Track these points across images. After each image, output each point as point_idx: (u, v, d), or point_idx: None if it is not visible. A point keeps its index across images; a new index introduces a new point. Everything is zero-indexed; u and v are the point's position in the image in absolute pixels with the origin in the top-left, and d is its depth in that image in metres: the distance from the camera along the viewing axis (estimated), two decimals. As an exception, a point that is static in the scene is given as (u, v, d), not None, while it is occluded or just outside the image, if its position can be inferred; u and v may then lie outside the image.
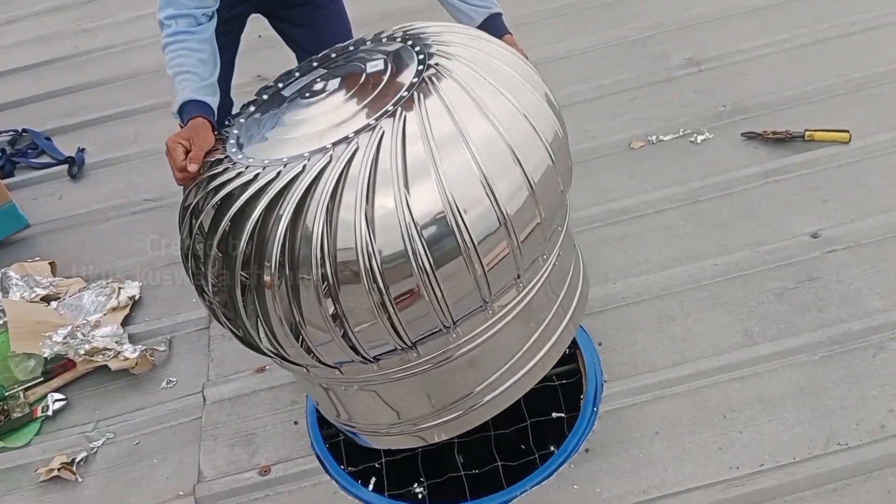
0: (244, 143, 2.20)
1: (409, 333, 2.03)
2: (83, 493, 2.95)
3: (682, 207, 3.48)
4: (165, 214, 3.94)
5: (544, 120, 2.12)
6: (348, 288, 1.92)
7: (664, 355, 2.92)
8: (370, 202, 1.88)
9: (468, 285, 2.00)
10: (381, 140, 1.94)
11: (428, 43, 2.22)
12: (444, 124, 1.96)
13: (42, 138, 4.69)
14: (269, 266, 1.93)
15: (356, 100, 2.14)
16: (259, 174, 1.99)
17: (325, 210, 1.88)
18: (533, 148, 2.05)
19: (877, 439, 2.57)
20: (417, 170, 1.90)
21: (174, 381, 3.25)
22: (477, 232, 1.93)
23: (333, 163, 1.93)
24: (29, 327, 3.34)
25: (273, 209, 1.93)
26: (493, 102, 2.03)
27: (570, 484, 2.63)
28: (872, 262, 3.07)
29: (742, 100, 3.94)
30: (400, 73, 2.16)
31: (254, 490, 2.80)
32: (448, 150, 1.93)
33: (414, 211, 1.88)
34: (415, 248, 1.88)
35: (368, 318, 1.97)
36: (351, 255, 1.88)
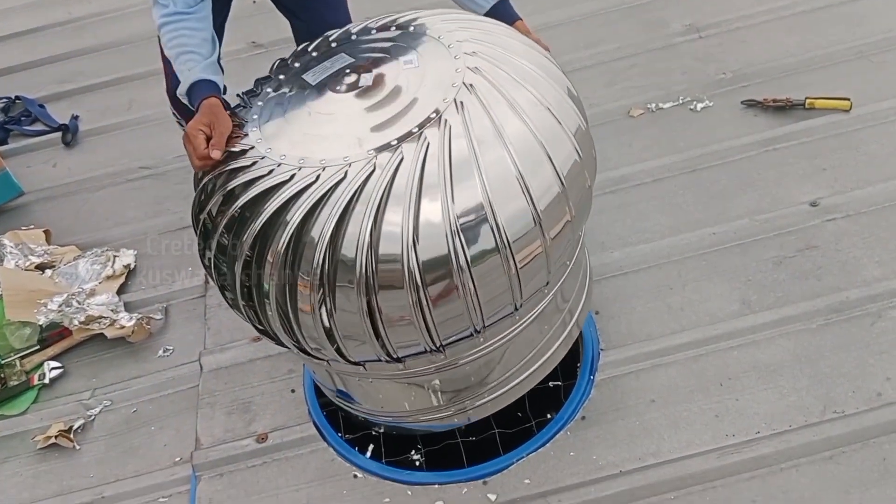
0: (267, 132, 2.14)
1: (441, 335, 2.04)
2: (81, 460, 2.96)
3: (680, 176, 3.46)
4: (160, 182, 3.93)
5: (568, 114, 2.11)
6: (389, 294, 1.93)
7: (661, 324, 2.91)
8: (415, 213, 1.87)
9: (503, 285, 2.02)
10: (427, 151, 1.92)
11: (457, 38, 2.20)
12: (486, 131, 1.96)
13: (35, 105, 4.65)
14: (309, 271, 1.92)
15: (395, 100, 2.09)
16: (295, 175, 1.96)
17: (372, 219, 1.87)
18: (561, 143, 2.05)
19: (873, 407, 2.57)
20: (462, 181, 1.90)
21: (171, 350, 3.24)
22: (513, 231, 1.93)
23: (378, 172, 1.91)
24: (24, 295, 3.33)
25: (313, 214, 1.91)
26: (522, 100, 2.02)
27: (566, 451, 2.63)
28: (871, 231, 3.06)
29: (742, 67, 3.90)
30: (436, 71, 2.12)
31: (251, 457, 2.81)
32: (489, 156, 1.93)
33: (458, 219, 1.88)
34: (457, 252, 1.89)
35: (405, 320, 1.98)
36: (395, 266, 1.88)
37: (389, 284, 1.91)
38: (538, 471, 2.60)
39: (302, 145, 2.05)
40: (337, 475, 2.71)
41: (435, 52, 2.19)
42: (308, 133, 2.10)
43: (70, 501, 2.83)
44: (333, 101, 2.15)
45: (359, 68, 2.21)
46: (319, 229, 1.89)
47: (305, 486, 2.70)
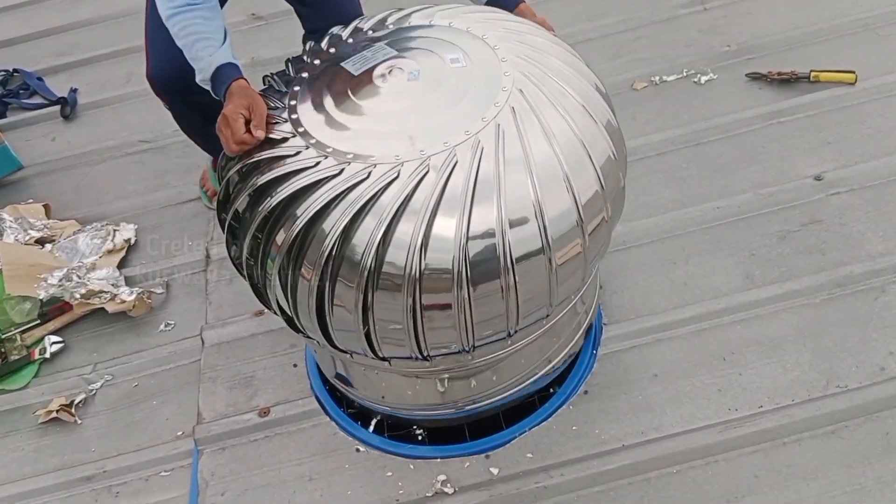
0: (308, 121, 2.11)
1: (476, 336, 2.06)
2: (82, 434, 2.95)
3: (684, 149, 3.44)
4: (161, 155, 3.90)
5: (601, 112, 2.13)
6: (435, 297, 1.94)
7: (664, 298, 2.90)
8: (468, 217, 1.87)
9: (543, 286, 2.04)
10: (482, 154, 1.92)
11: (498, 38, 2.20)
12: (536, 135, 1.97)
13: (34, 78, 4.61)
14: (353, 271, 1.91)
15: (444, 100, 2.08)
16: (344, 170, 1.95)
17: (426, 223, 1.86)
18: (597, 141, 2.06)
19: (876, 381, 2.57)
20: (512, 184, 1.91)
21: (172, 324, 3.23)
22: (556, 230, 1.96)
23: (433, 174, 1.90)
24: (24, 270, 3.31)
25: (362, 213, 1.90)
26: (564, 100, 2.04)
27: (568, 425, 2.63)
28: (876, 205, 3.05)
29: (747, 39, 3.87)
30: (483, 72, 2.12)
31: (253, 431, 2.80)
32: (539, 159, 1.94)
33: (509, 220, 1.90)
34: (505, 254, 1.91)
35: (447, 322, 2.00)
36: (445, 268, 1.89)
37: (437, 287, 1.92)
38: (540, 445, 2.59)
39: (349, 139, 2.03)
40: (339, 449, 2.71)
41: (480, 51, 2.18)
42: (355, 126, 2.07)
43: (72, 475, 2.82)
44: (380, 95, 2.13)
45: (403, 62, 2.18)
46: (369, 229, 1.88)
47: (308, 460, 2.70)
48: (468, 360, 2.23)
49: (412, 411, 2.63)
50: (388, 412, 2.65)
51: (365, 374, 2.47)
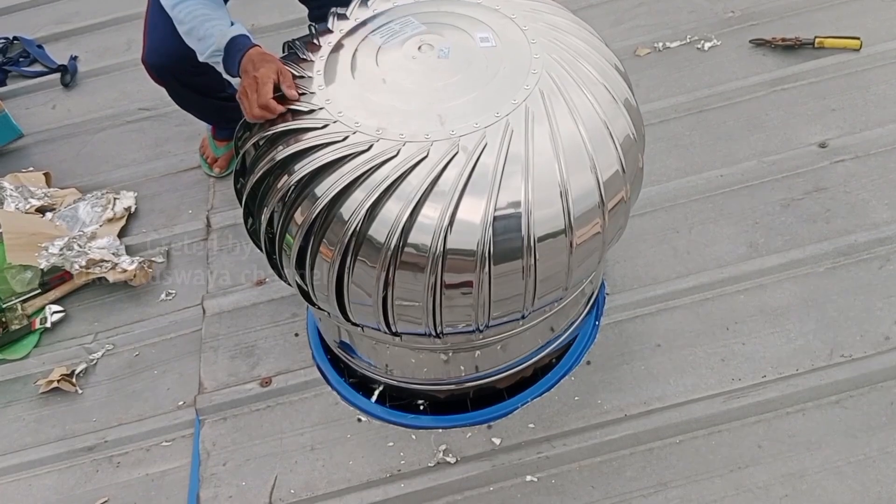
0: (335, 93, 2.08)
1: (491, 316, 2.06)
2: (83, 404, 2.95)
3: (687, 117, 3.42)
4: (161, 124, 3.88)
5: (622, 92, 2.11)
6: (457, 276, 1.94)
7: (667, 267, 2.89)
8: (496, 199, 1.86)
9: (561, 265, 2.03)
10: (512, 137, 1.91)
11: (525, 17, 2.19)
12: (564, 117, 1.96)
13: (34, 46, 4.59)
14: (377, 248, 1.90)
15: (474, 80, 2.06)
16: (373, 146, 1.93)
17: (454, 204, 1.85)
18: (618, 121, 2.05)
19: (881, 351, 2.56)
20: (539, 167, 1.90)
21: (173, 294, 3.22)
22: (578, 210, 1.95)
23: (462, 155, 1.89)
24: (24, 239, 3.30)
25: (390, 190, 1.88)
26: (589, 82, 2.04)
27: (570, 396, 2.62)
28: (881, 173, 3.03)
29: (751, 6, 3.84)
30: (513, 53, 2.10)
31: (255, 401, 2.80)
32: (566, 141, 1.94)
33: (534, 202, 1.89)
34: (529, 235, 1.90)
35: (466, 300, 2.00)
36: (469, 249, 1.89)
37: (459, 266, 1.91)
38: (543, 415, 2.59)
39: (378, 114, 2.01)
40: (341, 419, 2.71)
41: (509, 32, 2.16)
42: (383, 102, 2.05)
43: (73, 445, 2.82)
44: (408, 71, 2.10)
45: (433, 38, 2.16)
46: (397, 207, 1.87)
47: (309, 430, 2.69)
48: (477, 338, 2.23)
49: (417, 384, 2.62)
50: (393, 384, 2.65)
51: (374, 347, 2.47)
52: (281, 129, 2.04)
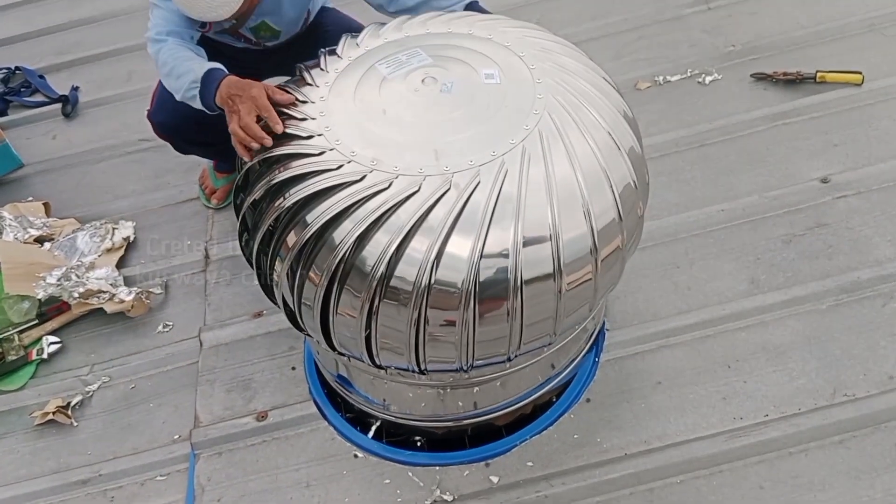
0: (335, 121, 2.08)
1: (476, 356, 2.05)
2: (79, 436, 2.92)
3: (688, 151, 3.41)
4: (161, 155, 3.87)
5: (625, 138, 2.09)
6: (441, 313, 1.93)
7: (668, 303, 2.87)
8: (484, 238, 1.85)
9: (549, 310, 2.01)
10: (505, 178, 1.90)
11: (534, 57, 2.18)
12: (561, 162, 1.94)
13: (35, 76, 4.60)
14: (363, 277, 1.89)
15: (475, 116, 2.05)
16: (366, 177, 1.92)
17: (441, 239, 1.84)
18: (619, 168, 2.04)
19: (885, 390, 2.54)
20: (532, 209, 1.89)
21: (170, 325, 3.20)
22: (569, 254, 1.94)
23: (454, 192, 1.88)
24: (23, 269, 3.29)
25: (379, 222, 1.87)
26: (591, 126, 2.02)
27: (570, 434, 2.60)
28: (883, 209, 3.01)
29: (752, 39, 3.84)
30: (517, 92, 2.09)
31: (250, 435, 2.78)
32: (562, 189, 1.92)
33: (523, 244, 1.88)
34: (516, 278, 1.89)
35: (449, 339, 1.99)
36: (454, 287, 1.87)
37: (444, 303, 1.90)
38: (541, 453, 2.56)
39: (374, 145, 2.00)
40: (337, 455, 2.68)
41: (515, 70, 2.16)
42: (381, 133, 2.05)
43: (67, 479, 2.79)
44: (410, 103, 2.10)
45: (437, 72, 2.15)
46: (385, 239, 1.86)
47: (305, 466, 2.67)
48: (463, 378, 2.20)
49: (414, 420, 2.60)
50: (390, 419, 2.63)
51: (371, 381, 2.45)
52: (279, 153, 2.05)
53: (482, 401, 2.47)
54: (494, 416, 2.55)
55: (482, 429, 2.60)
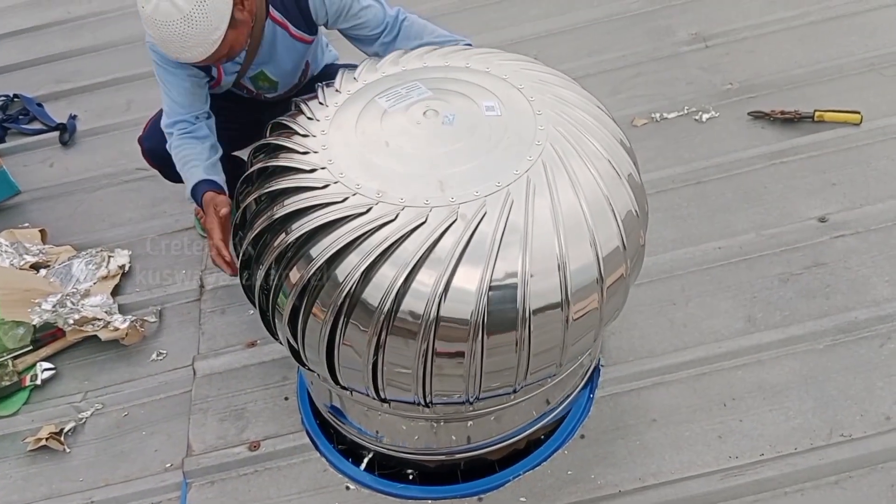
0: (337, 154, 2.09)
1: (483, 388, 2.05)
2: (71, 463, 2.91)
3: (685, 188, 3.41)
4: (158, 184, 3.84)
5: (625, 167, 2.11)
6: (449, 345, 1.92)
7: (664, 340, 2.87)
8: (492, 269, 1.85)
9: (556, 339, 2.01)
10: (512, 208, 1.90)
11: (533, 89, 2.20)
12: (566, 193, 1.95)
13: (34, 104, 4.62)
14: (370, 311, 1.89)
15: (477, 148, 2.06)
16: (372, 208, 1.93)
17: (450, 271, 1.84)
18: (621, 197, 2.05)
19: (881, 431, 2.53)
20: (538, 240, 1.89)
21: (164, 354, 3.20)
22: (575, 285, 1.94)
23: (460, 223, 1.88)
24: (18, 295, 3.29)
25: (386, 254, 1.87)
26: (593, 156, 2.04)
27: (563, 470, 2.58)
28: (881, 249, 3.02)
29: (749, 78, 3.86)
30: (518, 125, 2.10)
31: (243, 465, 2.76)
32: (568, 220, 1.93)
33: (530, 275, 1.88)
34: (524, 309, 1.89)
35: (457, 371, 1.98)
36: (463, 319, 1.87)
37: (452, 335, 1.90)
38: (535, 489, 2.55)
39: (379, 177, 2.01)
40: (329, 486, 2.67)
41: (516, 102, 2.17)
42: (385, 165, 2.05)
43: (59, 505, 2.78)
44: (412, 135, 2.11)
45: (438, 104, 2.16)
46: (392, 272, 1.86)
47: (297, 497, 2.65)
48: (467, 409, 2.19)
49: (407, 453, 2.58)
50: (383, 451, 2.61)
51: (365, 413, 2.44)
52: (282, 187, 2.05)
53: (476, 435, 2.46)
54: (488, 451, 2.54)
55: (475, 463, 2.59)
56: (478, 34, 4.36)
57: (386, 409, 2.27)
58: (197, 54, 2.47)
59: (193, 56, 2.48)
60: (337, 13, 2.71)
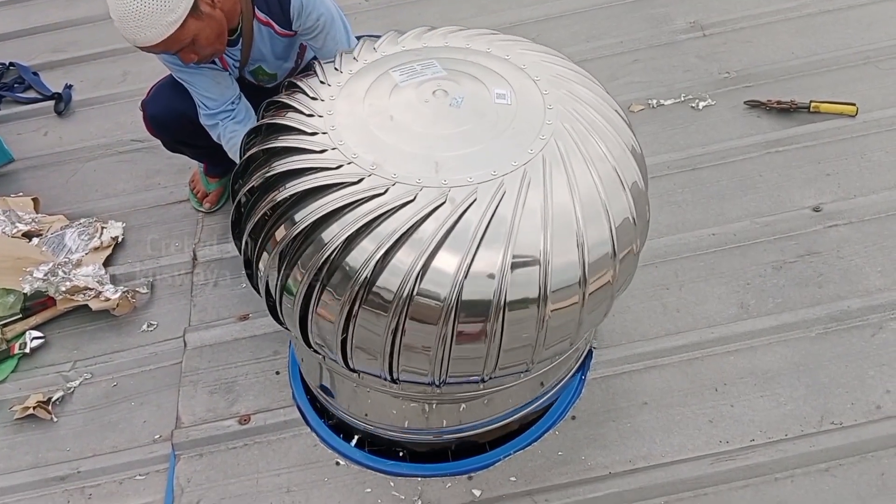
0: (341, 122, 2.07)
1: (450, 373, 2.04)
2: (58, 432, 2.90)
3: (680, 174, 3.42)
4: (152, 156, 3.86)
5: (630, 173, 2.08)
6: (419, 325, 1.90)
7: (656, 324, 2.87)
8: (472, 258, 1.83)
9: (529, 338, 1.99)
10: (502, 200, 1.88)
11: (550, 83, 2.17)
12: (561, 190, 1.92)
13: (29, 73, 4.58)
14: (346, 282, 1.88)
15: (480, 134, 2.03)
16: (363, 180, 1.91)
17: (428, 253, 1.82)
18: (619, 203, 2.02)
19: (872, 420, 2.55)
20: (524, 234, 1.87)
21: (155, 325, 3.18)
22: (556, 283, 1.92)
23: (448, 206, 1.86)
24: (9, 262, 3.26)
25: (370, 226, 1.86)
26: (597, 158, 2.00)
27: (554, 451, 2.59)
28: (874, 240, 3.03)
29: (746, 67, 3.86)
30: (526, 115, 2.07)
31: (232, 438, 2.76)
32: (558, 217, 1.90)
33: (511, 269, 1.85)
34: (499, 301, 1.87)
35: (424, 352, 1.96)
36: (436, 301, 1.85)
37: (423, 316, 1.88)
38: (525, 469, 2.55)
39: (377, 150, 1.99)
40: (319, 461, 2.67)
41: (528, 92, 2.14)
42: (385, 139, 2.03)
43: (45, 474, 2.77)
44: (418, 113, 2.09)
45: (450, 85, 2.14)
46: (372, 245, 1.84)
47: (286, 472, 2.65)
48: (436, 392, 2.20)
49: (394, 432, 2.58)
50: (370, 431, 2.61)
51: (354, 390, 2.43)
52: (282, 145, 2.05)
53: (467, 418, 2.45)
54: (478, 434, 2.54)
55: (465, 442, 2.59)
56: (476, 17, 4.38)
57: (369, 386, 2.27)
58: (152, 36, 2.50)
59: (149, 37, 2.51)
60: (305, 31, 2.88)
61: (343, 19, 2.92)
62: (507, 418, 2.52)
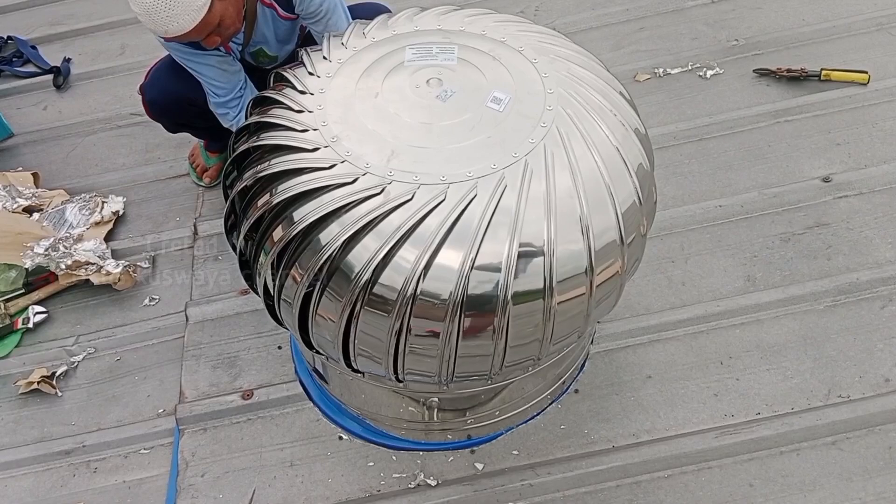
0: (332, 117, 2.01)
1: (456, 371, 2.01)
2: (62, 406, 2.90)
3: (687, 144, 3.38)
4: (152, 130, 3.82)
5: (634, 156, 2.03)
6: (424, 322, 1.87)
7: (661, 298, 2.85)
8: (476, 251, 1.79)
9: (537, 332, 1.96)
10: (504, 193, 1.83)
11: (549, 66, 2.11)
12: (564, 178, 1.88)
13: (27, 46, 4.55)
14: (346, 284, 1.84)
15: (480, 126, 1.97)
16: (358, 179, 1.86)
17: (430, 252, 1.78)
18: (624, 185, 1.97)
19: (880, 393, 2.52)
20: (530, 225, 1.82)
21: (157, 299, 3.17)
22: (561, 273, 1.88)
23: (449, 203, 1.82)
24: (10, 238, 3.25)
25: (368, 228, 1.81)
26: (599, 140, 1.96)
27: (557, 424, 2.58)
28: (885, 211, 3.00)
29: (756, 35, 3.81)
30: (525, 102, 2.02)
31: (235, 413, 2.75)
32: (561, 206, 1.85)
33: (517, 259, 1.81)
34: (505, 295, 1.83)
35: (431, 351, 1.94)
36: (441, 299, 1.82)
37: (427, 314, 1.85)
38: (527, 442, 2.54)
39: (370, 145, 1.94)
40: (322, 436, 2.66)
41: (529, 82, 2.08)
42: (381, 132, 1.97)
43: (50, 448, 2.77)
44: (418, 104, 2.03)
45: (454, 75, 2.08)
46: (373, 245, 1.81)
47: (289, 446, 2.65)
48: (442, 390, 2.18)
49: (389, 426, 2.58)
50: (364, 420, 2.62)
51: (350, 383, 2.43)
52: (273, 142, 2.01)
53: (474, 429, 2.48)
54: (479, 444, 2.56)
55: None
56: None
57: (364, 381, 2.26)
58: (185, 23, 2.48)
59: (181, 25, 2.48)
60: (308, 16, 2.87)
61: (344, 6, 2.90)
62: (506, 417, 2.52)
